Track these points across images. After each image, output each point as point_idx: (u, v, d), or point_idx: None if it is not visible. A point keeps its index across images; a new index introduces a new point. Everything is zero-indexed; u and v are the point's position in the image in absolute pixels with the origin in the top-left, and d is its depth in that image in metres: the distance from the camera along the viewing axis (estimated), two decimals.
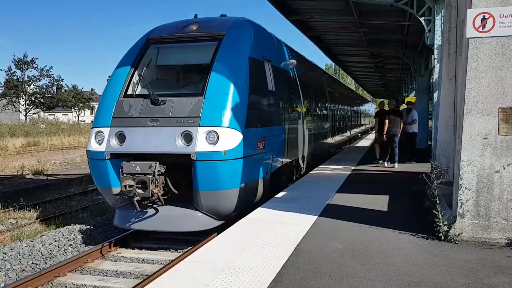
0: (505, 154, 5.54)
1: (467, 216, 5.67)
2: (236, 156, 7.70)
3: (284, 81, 11.05)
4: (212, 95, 7.86)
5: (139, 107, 8.19)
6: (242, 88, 8.13)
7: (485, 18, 5.54)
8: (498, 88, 5.55)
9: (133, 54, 9.16)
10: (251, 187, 8.38)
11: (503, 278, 4.51)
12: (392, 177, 11.96)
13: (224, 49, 8.43)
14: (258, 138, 8.57)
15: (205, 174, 7.52)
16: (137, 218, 7.97)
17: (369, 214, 7.33)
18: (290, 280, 4.47)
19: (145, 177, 7.55)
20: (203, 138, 7.56)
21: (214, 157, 7.49)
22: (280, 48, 11.61)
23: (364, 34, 18.76)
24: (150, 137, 7.87)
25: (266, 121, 9.13)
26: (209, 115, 7.71)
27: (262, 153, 8.76)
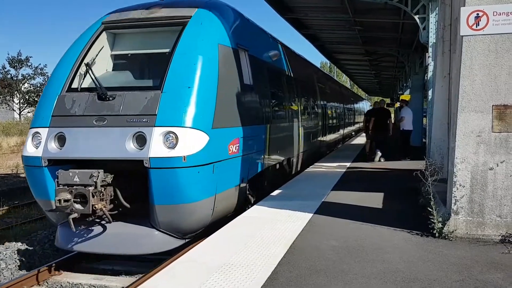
0: (498, 151, 5.57)
1: (461, 213, 5.70)
2: (200, 162, 6.51)
3: (266, 75, 9.86)
4: (172, 89, 6.66)
5: (84, 103, 6.90)
6: (210, 80, 6.96)
7: (479, 16, 5.57)
8: (492, 85, 5.58)
9: (84, 40, 7.77)
10: (221, 197, 7.18)
11: (497, 274, 4.54)
12: (387, 174, 12.00)
13: (188, 35, 7.19)
14: (230, 139, 7.40)
15: (161, 185, 6.31)
16: (80, 238, 6.66)
17: (364, 212, 7.36)
18: (285, 278, 4.49)
19: (84, 189, 6.22)
20: (159, 140, 6.35)
21: (172, 164, 6.28)
22: (261, 37, 10.44)
23: (359, 32, 18.79)
24: (95, 139, 6.59)
25: (242, 119, 7.88)
26: (167, 112, 6.52)
27: (236, 157, 7.61)
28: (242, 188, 8.05)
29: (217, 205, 7.05)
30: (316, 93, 17.25)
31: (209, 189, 6.82)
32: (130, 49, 8.03)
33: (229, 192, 7.50)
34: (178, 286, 4.32)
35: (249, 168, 8.34)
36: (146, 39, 7.93)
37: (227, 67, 7.58)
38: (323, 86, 19.53)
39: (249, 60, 8.67)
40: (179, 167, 6.31)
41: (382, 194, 8.83)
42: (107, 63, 7.90)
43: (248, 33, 9.27)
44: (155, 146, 6.32)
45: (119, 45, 8.04)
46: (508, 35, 5.53)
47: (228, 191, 7.47)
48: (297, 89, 13.41)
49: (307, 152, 14.56)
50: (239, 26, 8.73)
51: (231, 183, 7.57)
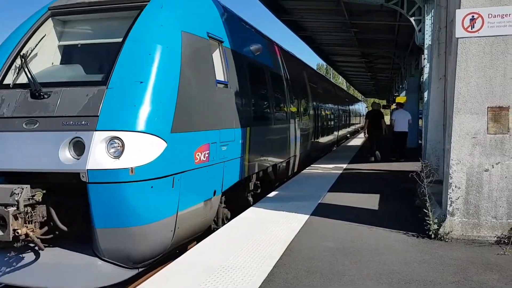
0: (494, 153, 5.60)
1: (457, 215, 5.72)
2: (154, 175, 5.31)
3: (247, 71, 8.65)
4: (120, 84, 5.47)
5: (14, 103, 5.68)
6: (169, 74, 5.78)
7: (474, 18, 5.60)
8: (487, 87, 5.61)
9: (25, 29, 6.55)
10: (186, 216, 6.04)
11: (493, 275, 4.56)
12: (383, 176, 12.03)
13: (144, 19, 6.02)
14: (197, 145, 6.24)
15: (103, 204, 5.12)
16: (9, 267, 5.40)
17: (360, 213, 7.37)
18: (282, 279, 4.49)
19: (3, 210, 4.90)
20: (100, 148, 5.13)
21: (116, 178, 5.09)
22: (241, 28, 9.14)
23: (355, 34, 18.86)
24: (24, 147, 5.35)
25: (213, 122, 6.76)
26: (111, 113, 5.30)
27: (205, 166, 6.45)
28: (214, 202, 6.91)
29: (180, 225, 5.87)
30: (307, 93, 15.99)
31: (167, 207, 5.61)
32: (80, 39, 6.67)
33: (196, 209, 6.33)
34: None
35: (223, 178, 7.18)
36: (99, 26, 6.69)
37: (194, 60, 6.38)
38: (315, 86, 18.34)
39: (224, 53, 7.50)
40: (124, 181, 5.09)
41: (378, 195, 8.85)
42: (54, 55, 6.63)
43: (224, 22, 7.97)
44: (95, 156, 5.09)
45: (68, 34, 6.78)
46: (503, 37, 5.56)
47: (196, 208, 6.30)
48: (285, 89, 12.33)
49: (297, 156, 13.45)
50: (211, 13, 7.54)
51: (199, 197, 6.41)
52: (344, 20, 16.28)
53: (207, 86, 6.77)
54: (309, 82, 16.81)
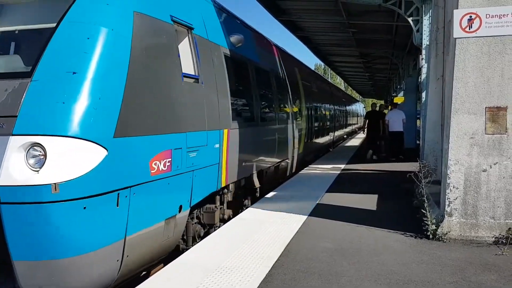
0: (491, 153, 5.60)
1: (455, 215, 5.72)
2: (88, 192, 4.23)
3: (225, 65, 7.59)
4: (47, 76, 4.39)
5: None
6: (114, 63, 4.68)
7: (472, 19, 5.60)
8: (485, 87, 5.61)
9: None
10: (140, 239, 4.99)
11: (491, 275, 4.56)
12: (381, 176, 12.03)
13: None
14: (155, 152, 5.15)
15: (20, 230, 4.09)
16: None
17: (358, 213, 7.36)
18: (280, 280, 4.48)
19: None
20: (17, 158, 4.09)
21: (36, 196, 4.04)
22: (219, 15, 7.98)
23: (353, 34, 18.87)
24: None
25: (178, 123, 5.68)
26: (33, 112, 4.23)
27: (166, 177, 5.37)
28: (180, 219, 5.92)
29: (130, 252, 4.84)
30: (299, 91, 14.83)
31: (110, 231, 4.55)
32: (6, 25, 5.33)
33: (154, 230, 5.29)
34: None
35: (193, 190, 6.17)
36: (30, 9, 5.39)
37: (150, 47, 5.29)
38: (309, 85, 17.28)
39: (194, 43, 6.43)
40: (46, 201, 4.03)
41: (376, 196, 8.85)
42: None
43: (196, 6, 6.93)
44: (9, 167, 4.05)
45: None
46: (501, 37, 5.57)
47: (154, 228, 5.27)
48: (273, 86, 11.16)
49: (288, 160, 12.51)
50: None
51: (158, 216, 5.37)
52: (342, 20, 16.28)
53: (169, 80, 5.60)
54: (302, 80, 15.73)
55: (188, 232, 6.59)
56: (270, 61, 11.57)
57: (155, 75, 5.32)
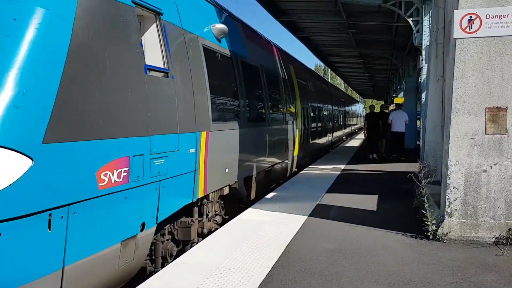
0: (492, 153, 5.60)
1: (455, 215, 5.72)
2: (2, 215, 3.37)
3: (204, 58, 6.69)
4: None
5: None
6: (47, 51, 3.84)
7: (472, 19, 5.60)
8: (485, 88, 5.61)
9: None
10: (83, 269, 4.15)
11: (491, 276, 4.55)
12: (381, 176, 12.03)
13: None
14: (104, 161, 4.24)
15: None
16: None
17: (358, 214, 7.36)
18: (280, 281, 4.47)
19: None
20: None
21: None
22: (196, 1, 7.22)
23: (352, 35, 18.88)
24: None
25: (138, 124, 4.77)
26: None
27: (121, 190, 4.47)
28: (143, 238, 5.00)
29: (71, 284, 4.03)
30: (294, 90, 13.78)
31: (40, 261, 3.69)
32: None
33: (107, 254, 4.42)
34: None
35: (160, 204, 5.28)
36: None
37: (101, 34, 4.39)
38: (305, 83, 16.31)
39: (163, 31, 5.58)
40: None
41: (377, 196, 8.85)
42: None
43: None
44: None
45: None
46: (501, 38, 5.57)
47: (105, 253, 4.40)
48: (263, 84, 10.18)
49: (280, 164, 11.56)
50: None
51: (111, 238, 4.48)
52: (342, 21, 16.29)
53: (126, 73, 4.68)
54: (297, 78, 14.75)
55: (157, 252, 5.70)
56: (261, 57, 10.61)
57: (105, 66, 4.35)
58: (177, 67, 5.81)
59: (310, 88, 17.47)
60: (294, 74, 14.34)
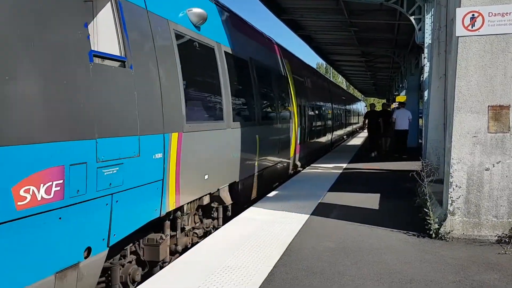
0: (494, 151, 5.58)
1: (458, 214, 5.70)
2: None
3: (173, 46, 5.77)
4: None
5: None
6: None
7: (474, 17, 5.58)
8: (488, 86, 5.59)
9: None
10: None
11: (493, 274, 4.54)
12: (383, 175, 12.01)
13: None
14: (24, 173, 3.36)
15: None
16: None
17: (360, 213, 7.35)
18: (282, 279, 4.47)
19: None
20: None
21: None
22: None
23: (354, 33, 18.84)
24: None
25: (80, 124, 3.95)
26: None
27: (51, 210, 3.61)
28: (90, 266, 4.18)
29: None
30: (289, 86, 12.75)
31: None
32: None
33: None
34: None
35: (113, 222, 4.40)
36: None
37: (23, 11, 3.52)
38: (302, 79, 15.23)
39: (120, 12, 4.74)
40: None
41: (379, 195, 8.83)
42: None
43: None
44: None
45: None
46: (503, 36, 5.54)
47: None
48: (252, 78, 9.14)
49: (271, 169, 10.47)
50: None
51: (39, 269, 3.61)
52: (344, 19, 16.25)
53: (61, 59, 3.80)
54: (294, 74, 13.78)
55: (114, 279, 4.90)
56: (251, 49, 9.59)
57: (26, 50, 3.47)
58: (139, 55, 4.90)
59: (308, 85, 16.42)
60: (289, 69, 13.36)
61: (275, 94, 11.12)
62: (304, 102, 14.96)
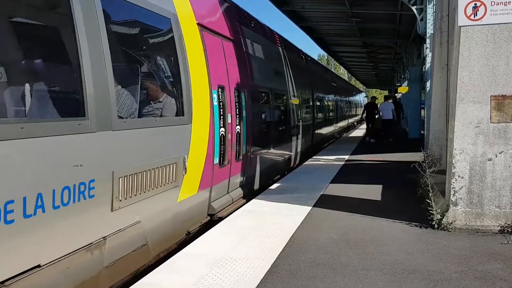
0: (497, 142, 5.56)
1: (460, 204, 5.70)
2: None
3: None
4: None
5: None
6: None
7: (477, 6, 5.54)
8: (490, 76, 5.56)
9: None
10: None
11: (496, 264, 4.54)
12: (385, 166, 12.01)
13: None
14: None
15: None
16: None
17: (363, 204, 7.36)
18: (285, 271, 4.48)
19: None
20: None
21: None
22: None
23: (356, 24, 18.76)
24: None
25: None
26: None
27: None
28: None
29: None
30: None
31: None
32: None
33: None
34: (179, 280, 4.32)
35: None
36: None
37: None
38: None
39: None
40: None
41: (381, 186, 8.83)
42: None
43: None
44: None
45: None
46: (506, 25, 5.50)
47: None
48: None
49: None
50: None
51: None
52: (345, 9, 16.17)
53: None
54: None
55: None
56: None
57: None
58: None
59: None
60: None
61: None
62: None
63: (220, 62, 7.49)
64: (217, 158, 7.04)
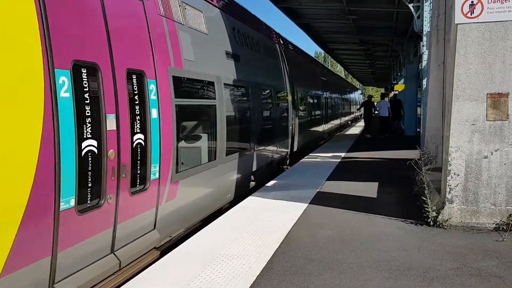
0: (493, 139, 5.58)
1: (456, 202, 5.72)
2: None
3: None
4: None
5: None
6: None
7: (474, 4, 5.54)
8: (486, 73, 5.57)
9: None
10: None
11: (491, 261, 4.56)
12: (381, 164, 12.03)
13: None
14: None
15: None
16: None
17: (359, 201, 7.37)
18: (281, 267, 4.49)
19: None
20: None
21: None
22: None
23: (353, 21, 18.74)
24: None
25: None
26: None
27: None
28: None
29: None
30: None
31: None
32: None
33: None
34: (173, 277, 4.31)
35: None
36: None
37: None
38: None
39: None
40: None
41: (377, 183, 8.85)
42: None
43: None
44: None
45: None
46: (502, 23, 5.51)
47: None
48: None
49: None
50: None
51: None
52: (342, 6, 16.15)
53: None
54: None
55: None
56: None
57: None
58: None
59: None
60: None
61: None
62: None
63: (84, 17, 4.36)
64: (71, 196, 3.98)
